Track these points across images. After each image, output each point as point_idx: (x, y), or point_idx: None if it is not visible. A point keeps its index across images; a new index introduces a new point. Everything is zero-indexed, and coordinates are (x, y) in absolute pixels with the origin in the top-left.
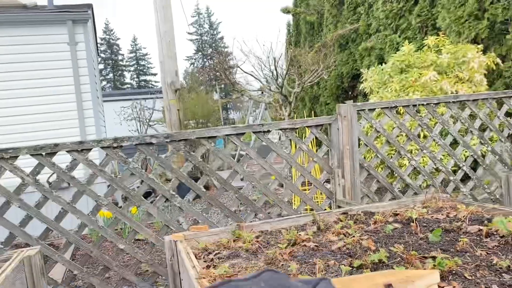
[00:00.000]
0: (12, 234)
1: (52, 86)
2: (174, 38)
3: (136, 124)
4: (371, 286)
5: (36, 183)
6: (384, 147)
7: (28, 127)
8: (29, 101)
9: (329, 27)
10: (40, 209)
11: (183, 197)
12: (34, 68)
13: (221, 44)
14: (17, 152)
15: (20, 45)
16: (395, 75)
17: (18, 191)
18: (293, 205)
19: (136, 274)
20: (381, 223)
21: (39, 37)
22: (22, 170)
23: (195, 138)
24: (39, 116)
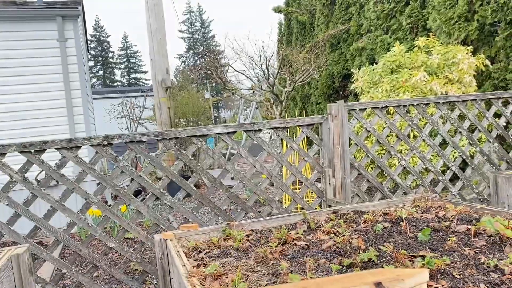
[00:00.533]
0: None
1: (41, 82)
2: (165, 36)
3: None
4: (360, 285)
5: (24, 181)
6: (374, 147)
7: (17, 124)
8: (18, 98)
9: (320, 27)
10: (28, 207)
11: (173, 196)
12: (23, 65)
13: (213, 42)
14: (5, 149)
15: (9, 41)
16: (386, 75)
17: (6, 188)
18: (283, 204)
19: (125, 273)
20: (371, 222)
21: (28, 33)
22: (10, 167)
23: (186, 137)
24: (28, 113)
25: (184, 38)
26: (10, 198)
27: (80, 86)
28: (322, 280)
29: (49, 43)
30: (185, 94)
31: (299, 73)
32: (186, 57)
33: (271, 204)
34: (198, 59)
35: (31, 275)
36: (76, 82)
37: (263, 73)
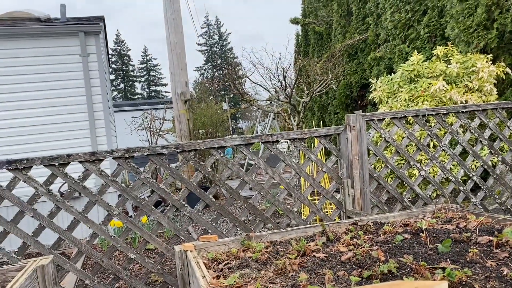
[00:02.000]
0: (25, 244)
1: (64, 97)
2: (184, 49)
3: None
4: None
5: (49, 193)
6: (393, 157)
7: (42, 137)
8: (42, 112)
9: (337, 37)
10: (52, 219)
11: (192, 207)
12: (48, 79)
13: (230, 54)
14: (30, 163)
15: (34, 57)
16: (404, 85)
17: (32, 201)
18: (302, 215)
19: (146, 284)
20: (391, 233)
21: (52, 49)
22: (35, 180)
23: (205, 148)
24: (51, 126)
25: (203, 51)
26: (35, 210)
27: (102, 100)
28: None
29: (72, 58)
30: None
31: (316, 83)
32: (205, 69)
33: (289, 215)
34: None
35: (55, 286)
36: (98, 95)
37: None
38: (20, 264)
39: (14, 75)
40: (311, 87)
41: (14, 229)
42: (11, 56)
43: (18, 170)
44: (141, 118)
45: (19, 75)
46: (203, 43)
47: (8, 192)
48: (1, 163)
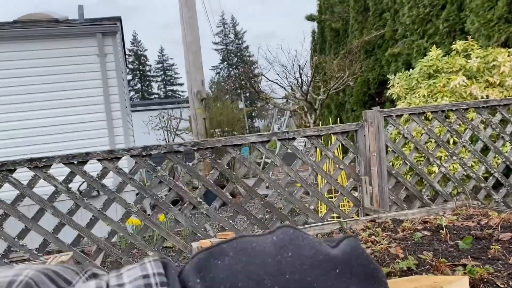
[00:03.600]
0: (45, 241)
1: (83, 97)
2: (200, 48)
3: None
4: None
5: (68, 191)
6: (412, 154)
7: (60, 137)
8: (61, 112)
9: (354, 33)
10: (72, 216)
11: (209, 205)
12: (66, 80)
13: (246, 53)
14: (50, 161)
15: (53, 57)
16: (423, 80)
17: (52, 198)
18: (319, 213)
19: None
20: (410, 230)
21: (70, 50)
22: (55, 178)
23: (221, 146)
24: (70, 126)
25: (218, 50)
26: (56, 207)
27: (119, 99)
28: None
29: (90, 59)
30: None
31: (333, 80)
32: (220, 68)
33: (306, 212)
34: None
35: None
36: (115, 95)
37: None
38: (41, 260)
39: (33, 76)
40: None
41: (35, 227)
42: (31, 57)
43: (38, 168)
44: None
45: (38, 76)
46: (218, 42)
47: (29, 190)
48: (22, 162)
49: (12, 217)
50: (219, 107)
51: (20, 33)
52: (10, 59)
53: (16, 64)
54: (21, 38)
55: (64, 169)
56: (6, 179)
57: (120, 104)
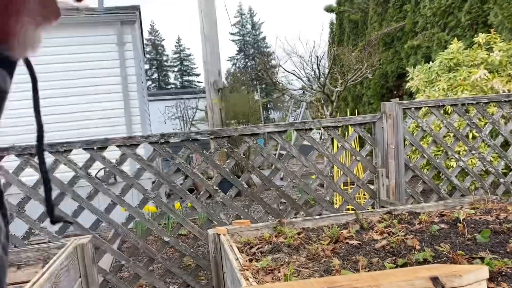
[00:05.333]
0: (65, 224)
1: (101, 85)
2: (217, 39)
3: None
4: (416, 279)
5: (88, 176)
6: (430, 147)
7: (78, 125)
8: (81, 99)
9: (373, 25)
10: (91, 201)
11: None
12: (85, 68)
13: (263, 44)
14: (71, 146)
15: (72, 45)
16: (443, 73)
17: (71, 183)
18: (334, 204)
19: (179, 267)
20: (427, 223)
21: (89, 38)
22: (75, 163)
23: (238, 135)
24: (88, 114)
25: (235, 41)
26: (75, 192)
27: (137, 88)
28: (376, 273)
29: (109, 47)
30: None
31: (350, 72)
32: (237, 59)
33: (321, 203)
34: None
35: (94, 265)
36: (134, 84)
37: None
38: (61, 242)
39: (53, 63)
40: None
41: (55, 210)
42: (51, 45)
43: (59, 153)
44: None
45: (57, 63)
46: (235, 32)
47: (50, 174)
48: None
49: (33, 200)
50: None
51: None
52: None
53: None
54: None
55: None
56: (28, 163)
57: (138, 93)
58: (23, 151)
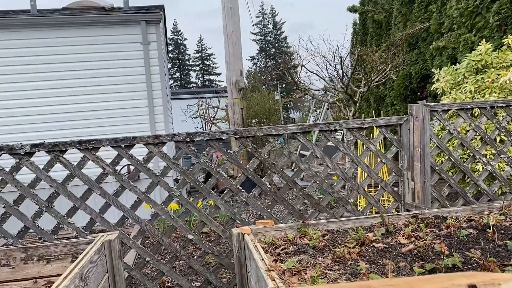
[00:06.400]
0: (92, 220)
1: (126, 83)
2: (240, 38)
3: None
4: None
5: (115, 173)
6: (457, 151)
7: (103, 122)
8: (105, 98)
9: (398, 26)
10: (117, 198)
11: None
12: (110, 66)
13: (284, 44)
14: (99, 144)
15: (98, 44)
16: (470, 75)
17: (99, 179)
18: (357, 206)
19: (202, 265)
20: (454, 228)
21: (115, 37)
22: (103, 160)
23: (262, 135)
24: (113, 111)
25: (257, 40)
26: (102, 188)
27: (161, 87)
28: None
29: (134, 46)
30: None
31: (373, 73)
32: (258, 59)
33: (345, 205)
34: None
35: (120, 261)
36: (157, 83)
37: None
38: (89, 238)
39: (81, 61)
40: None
41: (83, 206)
42: (79, 44)
43: (88, 150)
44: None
45: (84, 62)
46: (257, 32)
47: (78, 171)
48: (73, 143)
49: (62, 195)
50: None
51: (68, 20)
52: (59, 45)
53: (64, 50)
54: (69, 25)
55: (109, 153)
56: (58, 159)
57: (162, 92)
58: (53, 147)
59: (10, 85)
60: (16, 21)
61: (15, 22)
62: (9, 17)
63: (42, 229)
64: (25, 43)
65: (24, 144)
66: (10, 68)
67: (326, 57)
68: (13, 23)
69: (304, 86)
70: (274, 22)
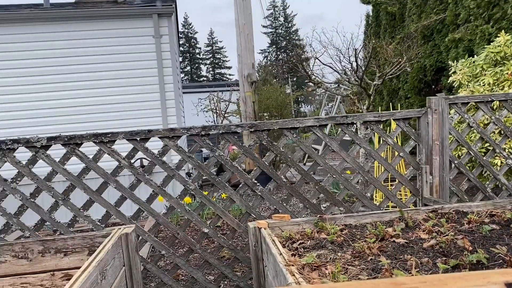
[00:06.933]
0: (108, 213)
1: (138, 77)
2: (252, 31)
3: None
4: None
5: (131, 167)
6: (476, 144)
7: (117, 115)
8: (118, 91)
9: (412, 17)
10: (133, 191)
11: None
12: (123, 60)
13: (295, 36)
14: (114, 137)
15: (110, 37)
16: (489, 67)
17: (115, 173)
18: (374, 201)
19: (217, 259)
20: (476, 223)
21: (127, 30)
22: (118, 153)
23: (278, 129)
24: (126, 105)
25: (268, 33)
26: (118, 181)
27: (173, 81)
28: (444, 276)
29: (146, 40)
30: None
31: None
32: (269, 52)
33: (362, 200)
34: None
35: (137, 254)
36: (169, 76)
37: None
38: (106, 231)
39: (93, 55)
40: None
41: (98, 199)
42: (91, 37)
43: (103, 143)
44: (207, 100)
45: (97, 55)
46: (268, 25)
47: (94, 164)
48: (88, 136)
49: (78, 188)
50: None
51: (80, 13)
52: (71, 38)
53: (76, 43)
54: (81, 18)
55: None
56: (74, 152)
57: (174, 85)
58: (69, 140)
59: (24, 79)
60: (29, 15)
61: (28, 16)
62: (23, 11)
63: (58, 222)
64: (38, 37)
65: (40, 137)
66: (24, 62)
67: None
68: (26, 16)
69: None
70: (285, 14)
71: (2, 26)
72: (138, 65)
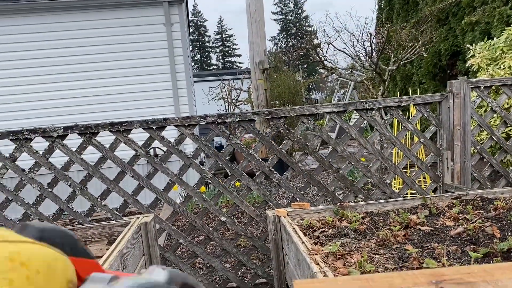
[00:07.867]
0: (125, 202)
1: (150, 66)
2: (263, 17)
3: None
4: None
5: (147, 155)
6: (499, 129)
7: (129, 105)
8: (130, 80)
9: (426, 1)
10: (150, 180)
11: None
12: (134, 49)
13: (306, 23)
14: (131, 126)
15: (122, 26)
16: (509, 50)
17: (131, 162)
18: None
19: (234, 247)
20: (503, 210)
21: (138, 19)
22: (135, 142)
23: (295, 115)
24: (139, 94)
25: (277, 20)
26: (135, 171)
27: (184, 69)
28: (489, 266)
29: (157, 28)
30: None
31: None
32: (279, 39)
33: (382, 187)
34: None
35: (156, 243)
36: (181, 65)
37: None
38: (125, 220)
39: (103, 44)
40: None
41: (116, 188)
42: (101, 27)
43: (120, 132)
44: (219, 88)
45: (106, 45)
46: (277, 11)
47: (110, 153)
48: (105, 125)
49: (95, 178)
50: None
51: (90, 3)
52: (80, 28)
53: (86, 33)
54: (91, 8)
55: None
56: (90, 141)
57: (185, 74)
58: (85, 129)
59: (31, 70)
60: (39, 5)
61: (38, 6)
62: (33, 1)
63: (76, 212)
64: (47, 27)
65: (57, 127)
66: (31, 52)
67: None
68: (36, 7)
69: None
70: (295, 1)
71: (19, 16)
72: (149, 54)
